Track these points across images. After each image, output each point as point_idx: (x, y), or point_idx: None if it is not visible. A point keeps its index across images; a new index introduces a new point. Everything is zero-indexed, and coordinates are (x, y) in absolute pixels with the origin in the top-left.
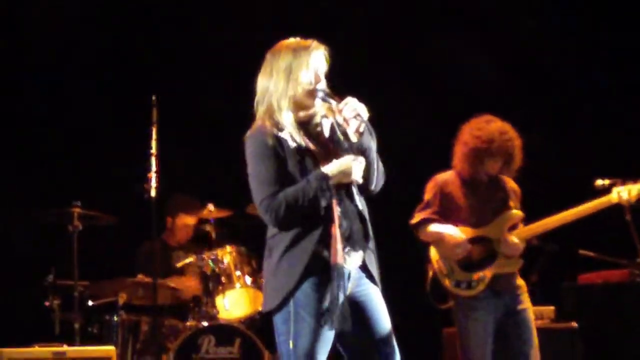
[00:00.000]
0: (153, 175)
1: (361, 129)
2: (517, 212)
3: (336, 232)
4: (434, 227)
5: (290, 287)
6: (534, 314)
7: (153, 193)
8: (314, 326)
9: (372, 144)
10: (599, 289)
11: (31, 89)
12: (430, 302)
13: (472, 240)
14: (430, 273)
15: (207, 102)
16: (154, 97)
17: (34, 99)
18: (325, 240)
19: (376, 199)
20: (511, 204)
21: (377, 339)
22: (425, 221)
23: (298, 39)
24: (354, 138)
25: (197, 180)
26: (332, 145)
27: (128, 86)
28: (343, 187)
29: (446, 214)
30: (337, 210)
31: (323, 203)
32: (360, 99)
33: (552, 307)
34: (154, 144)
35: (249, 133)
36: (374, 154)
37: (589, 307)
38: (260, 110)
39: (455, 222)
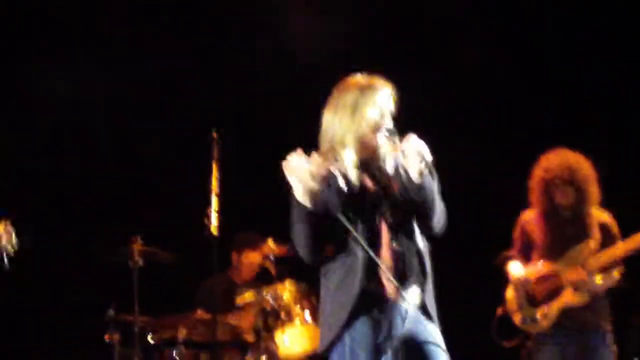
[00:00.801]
0: (213, 212)
1: (424, 170)
2: (586, 244)
3: (386, 269)
4: (508, 267)
5: (342, 324)
6: None
7: (214, 230)
8: None
9: (433, 185)
10: None
11: (94, 122)
12: (494, 340)
13: (544, 277)
14: (500, 311)
15: (267, 137)
16: (214, 133)
17: (97, 133)
18: (375, 278)
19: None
20: (592, 237)
21: None
22: (507, 259)
23: (365, 76)
24: (415, 178)
25: (257, 217)
26: (394, 183)
27: (190, 121)
28: (402, 224)
29: (527, 252)
30: (386, 246)
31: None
32: (423, 138)
33: (615, 347)
34: (214, 180)
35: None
36: (434, 195)
37: None
38: (323, 146)
39: (535, 258)
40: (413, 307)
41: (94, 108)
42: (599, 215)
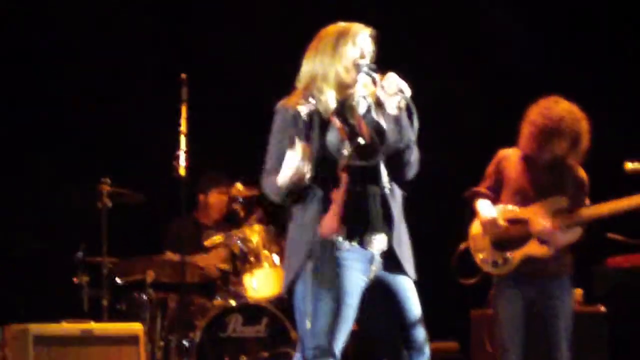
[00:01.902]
0: (182, 154)
1: (402, 105)
2: (561, 199)
3: (335, 209)
4: (477, 203)
5: (300, 266)
6: None
7: (182, 171)
8: (330, 305)
9: (409, 125)
10: (628, 272)
11: (63, 64)
12: (453, 276)
13: (513, 221)
14: (462, 247)
15: (237, 81)
16: (183, 75)
17: (66, 74)
18: (344, 217)
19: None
20: (566, 190)
21: (405, 323)
22: (475, 195)
23: (345, 22)
24: (393, 112)
25: (226, 159)
26: (363, 125)
27: (160, 64)
28: (366, 167)
29: (498, 190)
30: (342, 191)
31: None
32: (403, 77)
33: (580, 291)
34: (183, 122)
35: (277, 105)
36: (409, 134)
37: (618, 290)
38: (299, 85)
39: (504, 199)
40: (377, 253)
41: (62, 48)
42: (577, 170)
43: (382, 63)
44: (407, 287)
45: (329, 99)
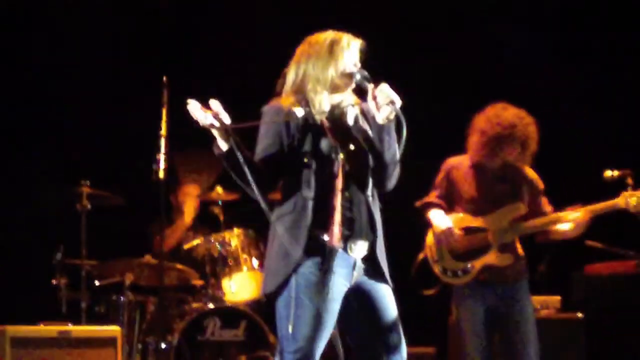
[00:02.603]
0: (162, 157)
1: (391, 117)
2: (519, 206)
3: (336, 216)
4: (431, 213)
5: (289, 270)
6: (540, 303)
7: (162, 174)
8: (313, 312)
9: (395, 141)
10: (606, 280)
11: (43, 64)
12: (413, 287)
13: (469, 230)
14: (420, 257)
15: (220, 84)
16: (164, 78)
17: (46, 74)
18: (325, 224)
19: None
20: (522, 196)
21: (383, 328)
22: (428, 205)
23: (335, 31)
24: (381, 122)
25: (208, 162)
26: (350, 132)
27: (141, 66)
28: (356, 175)
29: (450, 199)
30: (338, 197)
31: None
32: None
33: (558, 297)
34: (163, 125)
35: (264, 107)
36: (394, 145)
37: (596, 298)
38: (287, 88)
39: (457, 208)
40: (359, 259)
41: (45, 50)
42: (533, 175)
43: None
44: (385, 294)
45: (323, 102)
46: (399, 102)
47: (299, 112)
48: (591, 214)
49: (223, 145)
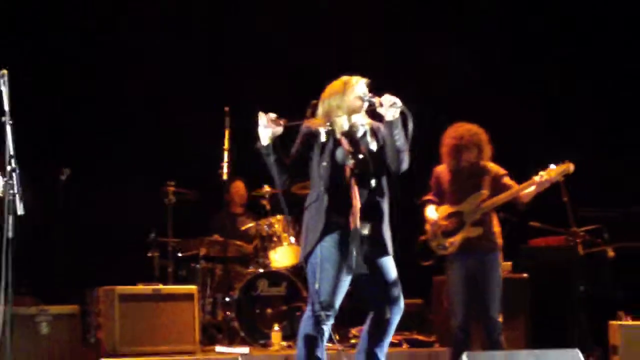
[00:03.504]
0: (225, 165)
1: (397, 114)
2: (481, 193)
3: (356, 205)
4: (426, 210)
5: (314, 244)
6: None
7: (225, 176)
8: (333, 274)
9: (403, 131)
10: (544, 250)
11: (141, 96)
12: (416, 261)
13: (450, 215)
14: (422, 239)
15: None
16: (226, 108)
17: (142, 106)
18: (338, 211)
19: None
20: (485, 186)
21: (386, 286)
22: (426, 202)
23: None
24: (390, 119)
25: (255, 169)
26: (360, 143)
27: (209, 98)
28: (366, 175)
29: (439, 196)
30: (355, 190)
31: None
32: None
33: (509, 263)
34: (226, 142)
35: (303, 125)
36: (403, 137)
37: (536, 263)
38: (319, 115)
39: (444, 201)
40: (368, 234)
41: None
42: (493, 167)
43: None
44: (388, 260)
45: (343, 123)
46: (400, 103)
47: (323, 131)
48: (522, 189)
49: (265, 141)
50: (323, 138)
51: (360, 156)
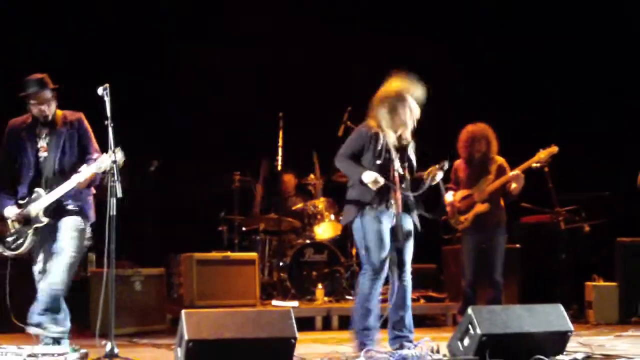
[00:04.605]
0: (279, 158)
1: (433, 183)
2: (487, 177)
3: (398, 195)
4: (445, 195)
5: (355, 214)
6: None
7: (279, 167)
8: (377, 238)
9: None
10: (533, 225)
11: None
12: (440, 234)
13: (465, 197)
14: (443, 218)
15: (315, 115)
16: (280, 114)
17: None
18: (386, 196)
19: None
20: (492, 172)
21: (404, 256)
22: (446, 189)
23: (403, 80)
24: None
25: (307, 161)
26: (404, 152)
27: (268, 104)
28: (399, 173)
29: (456, 184)
30: (396, 175)
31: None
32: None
33: (506, 236)
34: (280, 140)
35: (361, 125)
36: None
37: (527, 236)
38: (373, 117)
39: (461, 187)
40: (401, 215)
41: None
42: (498, 159)
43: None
44: (409, 231)
45: (391, 137)
46: (438, 180)
47: (378, 135)
48: (520, 171)
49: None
50: (376, 139)
51: (399, 161)
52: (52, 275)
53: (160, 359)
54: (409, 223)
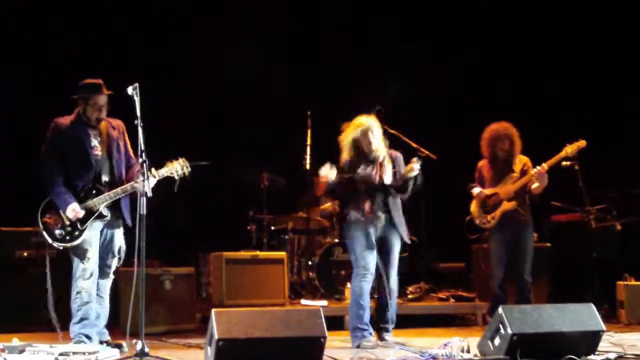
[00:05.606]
0: (307, 157)
1: (412, 175)
2: (512, 175)
3: (367, 204)
4: (473, 189)
5: (343, 226)
6: None
7: (308, 166)
8: (362, 247)
9: (411, 185)
10: (563, 224)
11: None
12: (465, 233)
13: (490, 196)
14: (468, 218)
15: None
16: (308, 112)
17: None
18: (361, 207)
19: None
20: (516, 170)
21: (388, 259)
22: (472, 187)
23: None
24: (407, 176)
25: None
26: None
27: (296, 103)
28: (380, 185)
29: (481, 184)
30: (375, 193)
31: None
32: None
33: (535, 234)
34: (308, 139)
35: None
36: (410, 188)
37: (557, 235)
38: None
39: (485, 186)
40: (383, 223)
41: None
42: (522, 158)
43: None
44: (395, 241)
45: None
46: (417, 172)
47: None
48: (548, 166)
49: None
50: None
51: (380, 175)
52: (106, 300)
53: (190, 358)
54: (393, 234)
